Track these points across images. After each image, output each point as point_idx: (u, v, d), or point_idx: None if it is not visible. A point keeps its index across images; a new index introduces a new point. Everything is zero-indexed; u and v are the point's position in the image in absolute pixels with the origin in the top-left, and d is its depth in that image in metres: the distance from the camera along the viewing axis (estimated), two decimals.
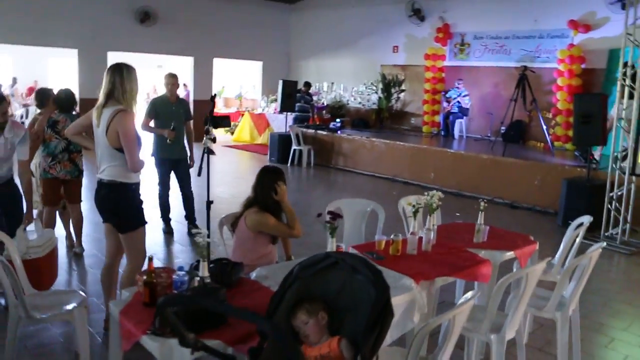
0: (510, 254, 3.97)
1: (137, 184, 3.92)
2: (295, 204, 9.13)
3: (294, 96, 13.89)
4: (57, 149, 5.74)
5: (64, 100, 5.90)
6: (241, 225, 3.88)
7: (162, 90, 7.23)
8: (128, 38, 15.29)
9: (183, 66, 16.99)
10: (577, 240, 4.30)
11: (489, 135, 12.42)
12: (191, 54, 16.65)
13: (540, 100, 11.39)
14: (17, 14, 13.53)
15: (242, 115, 17.79)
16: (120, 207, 3.84)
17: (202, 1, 16.03)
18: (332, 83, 16.83)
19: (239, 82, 21.84)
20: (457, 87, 12.76)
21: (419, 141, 12.17)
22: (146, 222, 3.95)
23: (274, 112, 15.92)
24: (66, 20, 14.25)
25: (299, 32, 18.25)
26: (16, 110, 16.01)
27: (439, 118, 13.61)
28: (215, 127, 4.83)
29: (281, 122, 14.25)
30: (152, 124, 6.78)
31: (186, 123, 6.96)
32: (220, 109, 20.89)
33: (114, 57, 16.10)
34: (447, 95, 13.01)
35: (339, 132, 13.13)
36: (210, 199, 4.81)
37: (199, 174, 4.50)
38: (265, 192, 3.83)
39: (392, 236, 3.76)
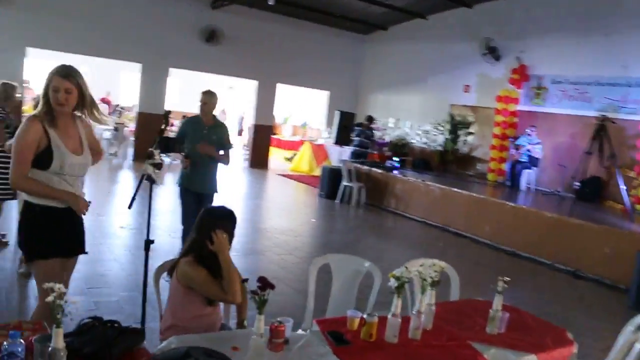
0: (531, 358, 2.89)
1: (46, 208, 3.15)
2: (329, 245, 8.46)
3: (351, 128, 13.14)
4: None
5: None
6: (174, 276, 3.08)
7: (232, 114, 6.56)
8: (192, 56, 15.10)
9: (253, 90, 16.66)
10: (638, 347, 3.10)
11: (559, 190, 11.07)
12: (255, 77, 16.28)
13: (622, 155, 10.03)
14: (91, 27, 13.69)
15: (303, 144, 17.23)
16: (18, 228, 3.23)
17: (270, 24, 15.66)
18: (398, 119, 15.95)
19: (306, 110, 21.35)
20: (529, 135, 11.53)
21: (481, 189, 11.01)
22: (43, 258, 3.18)
23: (333, 144, 15.20)
24: (132, 34, 14.23)
25: (370, 64, 17.53)
26: None
27: (505, 166, 12.38)
28: (165, 151, 3.96)
29: (345, 154, 13.50)
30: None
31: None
32: (284, 136, 20.43)
33: (176, 74, 16.04)
34: (517, 143, 11.79)
35: (394, 171, 12.18)
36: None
37: (130, 206, 3.61)
38: (202, 238, 3.01)
39: (365, 314, 2.83)
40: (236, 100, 22.49)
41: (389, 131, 15.84)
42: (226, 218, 3.13)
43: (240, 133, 21.80)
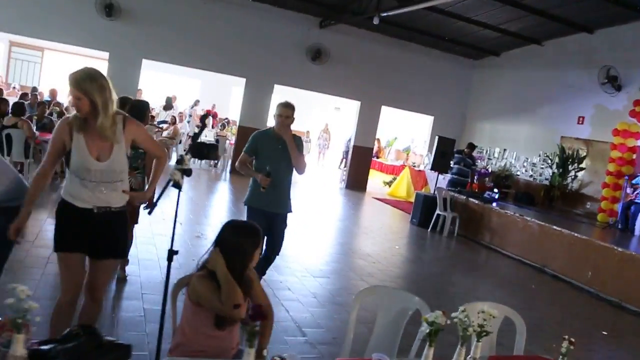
0: None
1: (68, 204, 3.24)
2: (406, 276, 7.98)
3: (449, 155, 12.52)
4: None
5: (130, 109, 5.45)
6: (186, 292, 2.86)
7: (338, 133, 6.23)
8: (297, 74, 15.21)
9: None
10: None
11: None
12: (358, 98, 16.10)
13: None
14: (201, 42, 14.22)
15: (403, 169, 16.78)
16: None
17: (376, 45, 15.45)
18: (504, 149, 15.05)
19: (411, 134, 20.85)
20: None
21: (587, 230, 9.98)
22: (58, 250, 3.25)
23: (431, 171, 14.61)
24: (239, 49, 14.58)
25: (478, 91, 16.79)
26: (185, 129, 16.76)
27: (618, 207, 11.19)
28: (199, 157, 3.74)
29: (441, 182, 12.93)
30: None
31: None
32: (387, 160, 20.05)
33: (280, 91, 16.22)
34: (634, 182, 10.64)
35: (493, 203, 11.41)
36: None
37: (150, 212, 3.44)
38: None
39: None
40: (342, 122, 22.47)
41: (493, 161, 14.99)
42: (247, 235, 2.86)
43: (345, 155, 21.70)
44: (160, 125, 16.26)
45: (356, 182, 16.33)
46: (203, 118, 3.40)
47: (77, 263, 3.24)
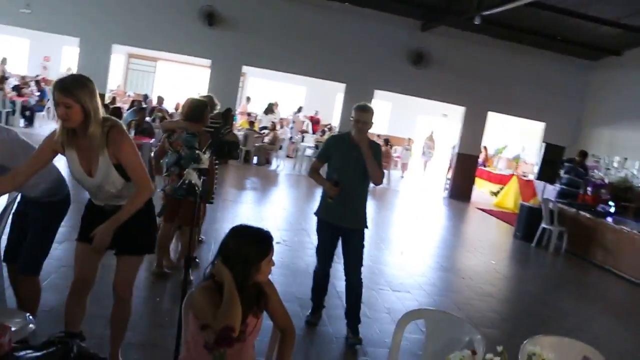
0: None
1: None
2: (498, 296, 7.25)
3: (557, 164, 11.50)
4: (170, 162, 5.18)
5: (188, 109, 5.34)
6: None
7: (445, 141, 5.78)
8: (397, 78, 14.76)
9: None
10: None
11: None
12: (463, 103, 15.33)
13: None
14: (300, 47, 14.23)
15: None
16: None
17: (482, 47, 14.61)
18: (625, 159, 13.63)
19: (522, 142, 19.58)
20: None
21: None
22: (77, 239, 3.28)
23: (535, 180, 13.57)
24: (339, 54, 14.38)
25: (596, 94, 15.37)
26: (286, 135, 16.82)
27: None
28: (221, 157, 3.44)
29: (550, 193, 11.93)
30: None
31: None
32: (496, 168, 18.96)
33: (381, 96, 15.84)
34: None
35: (608, 217, 10.28)
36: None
37: (159, 214, 3.17)
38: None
39: None
40: (450, 129, 21.62)
41: (611, 171, 13.61)
42: (250, 242, 2.51)
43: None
44: (262, 132, 16.45)
45: (460, 191, 15.51)
46: (226, 113, 3.12)
47: (84, 253, 3.13)
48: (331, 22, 14.28)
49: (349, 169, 4.60)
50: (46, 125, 15.79)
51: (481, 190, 17.53)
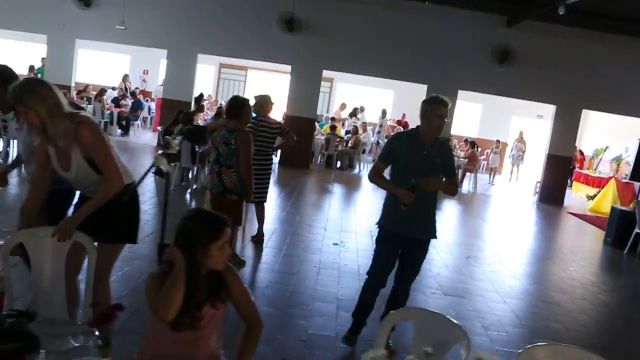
0: None
1: None
2: (578, 305, 6.66)
3: None
4: (212, 159, 5.29)
5: (227, 107, 5.40)
6: None
7: (539, 143, 5.28)
8: (482, 78, 14.22)
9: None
10: None
11: None
12: (554, 101, 14.47)
13: None
14: (379, 49, 14.12)
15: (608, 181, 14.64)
16: None
17: (573, 41, 13.69)
18: None
19: (625, 142, 18.10)
20: None
21: None
22: None
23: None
24: (420, 54, 14.10)
25: None
26: (369, 138, 16.65)
27: None
28: (194, 142, 3.40)
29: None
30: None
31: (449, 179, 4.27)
32: (595, 171, 17.70)
33: (470, 98, 15.33)
34: None
35: None
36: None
37: (123, 199, 3.09)
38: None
39: None
40: (545, 130, 20.43)
41: None
42: (201, 225, 2.42)
43: None
44: (346, 136, 16.42)
45: (551, 195, 14.59)
46: (198, 99, 3.09)
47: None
48: (411, 23, 14.01)
49: (420, 171, 3.99)
50: (141, 134, 16.68)
51: (578, 194, 16.44)
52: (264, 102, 6.77)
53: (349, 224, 9.15)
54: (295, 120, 14.48)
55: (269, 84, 20.49)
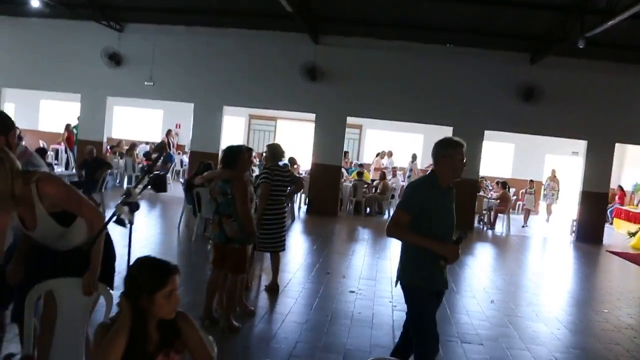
0: None
1: None
2: (612, 350, 6.20)
3: None
4: (213, 210, 5.29)
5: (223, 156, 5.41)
6: None
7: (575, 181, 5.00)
8: (508, 117, 14.07)
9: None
10: None
11: None
12: (584, 136, 14.11)
13: None
14: (402, 93, 14.11)
15: None
16: None
17: (597, 74, 13.42)
18: None
19: None
20: None
21: None
22: None
23: None
24: (440, 97, 14.01)
25: None
26: (398, 183, 16.46)
27: None
28: (157, 190, 3.37)
29: None
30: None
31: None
32: (637, 207, 17.04)
33: (502, 138, 15.11)
34: None
35: None
36: None
37: (85, 249, 3.00)
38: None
39: None
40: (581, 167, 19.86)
41: None
42: (146, 273, 2.34)
43: None
44: (373, 182, 16.31)
45: (589, 233, 14.03)
46: (160, 145, 3.06)
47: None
48: (433, 66, 14.02)
49: (449, 221, 3.83)
50: (172, 187, 16.90)
51: (619, 231, 15.79)
52: (275, 151, 6.80)
53: (370, 271, 8.93)
54: (321, 167, 14.51)
55: (298, 132, 20.68)
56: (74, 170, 13.59)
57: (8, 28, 15.35)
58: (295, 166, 15.79)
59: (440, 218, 3.78)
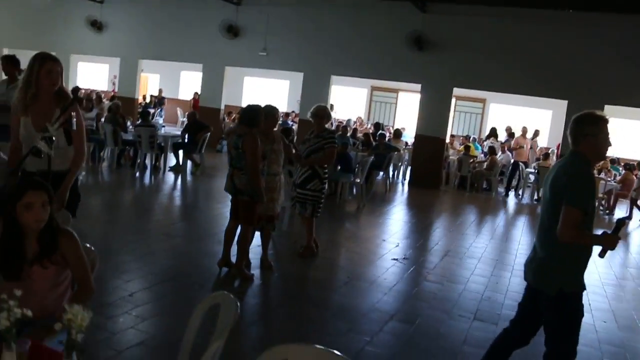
0: None
1: None
2: None
3: None
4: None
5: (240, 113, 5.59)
6: None
7: None
8: (628, 89, 12.57)
9: None
10: None
11: None
12: None
13: None
14: (511, 65, 13.33)
15: None
16: None
17: None
18: None
19: None
20: None
21: None
22: None
23: None
24: (556, 68, 12.96)
25: None
26: (507, 158, 15.57)
27: None
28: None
29: None
30: None
31: None
32: None
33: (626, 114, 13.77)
34: None
35: None
36: None
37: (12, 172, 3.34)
38: None
39: None
40: None
41: None
42: (11, 188, 2.72)
43: None
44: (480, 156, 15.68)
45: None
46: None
47: None
48: (548, 34, 12.96)
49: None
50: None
51: None
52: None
53: (427, 243, 8.68)
54: (424, 139, 14.19)
55: (414, 104, 20.35)
56: None
57: (138, 6, 16.94)
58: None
59: (594, 208, 3.33)
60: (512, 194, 14.82)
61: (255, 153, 5.30)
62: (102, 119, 12.44)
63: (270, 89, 22.59)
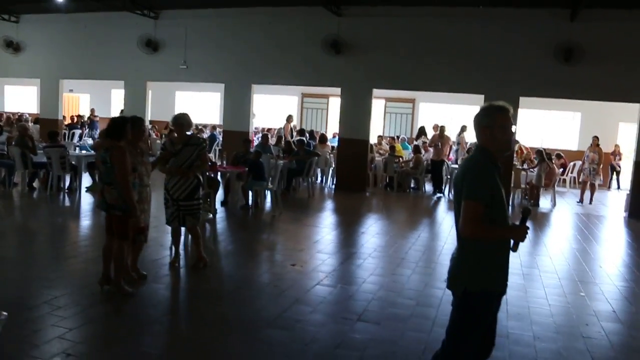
0: None
1: None
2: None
3: None
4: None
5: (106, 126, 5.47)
6: None
7: None
8: (542, 80, 12.86)
9: None
10: None
11: None
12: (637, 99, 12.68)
13: None
14: (434, 63, 13.46)
15: None
16: None
17: None
18: None
19: None
20: None
21: None
22: None
23: None
24: (471, 64, 13.15)
25: None
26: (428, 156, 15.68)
27: None
28: None
29: None
30: None
31: None
32: None
33: (560, 105, 13.96)
34: None
35: None
36: None
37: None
38: None
39: None
40: None
41: None
42: None
43: None
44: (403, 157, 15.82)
45: None
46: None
47: None
48: (462, 31, 13.17)
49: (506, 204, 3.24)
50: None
51: None
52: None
53: (331, 246, 8.63)
54: (348, 142, 14.22)
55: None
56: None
57: (55, 26, 16.56)
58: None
59: (502, 201, 3.14)
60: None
61: (124, 166, 5.17)
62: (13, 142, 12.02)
63: (201, 102, 22.42)
